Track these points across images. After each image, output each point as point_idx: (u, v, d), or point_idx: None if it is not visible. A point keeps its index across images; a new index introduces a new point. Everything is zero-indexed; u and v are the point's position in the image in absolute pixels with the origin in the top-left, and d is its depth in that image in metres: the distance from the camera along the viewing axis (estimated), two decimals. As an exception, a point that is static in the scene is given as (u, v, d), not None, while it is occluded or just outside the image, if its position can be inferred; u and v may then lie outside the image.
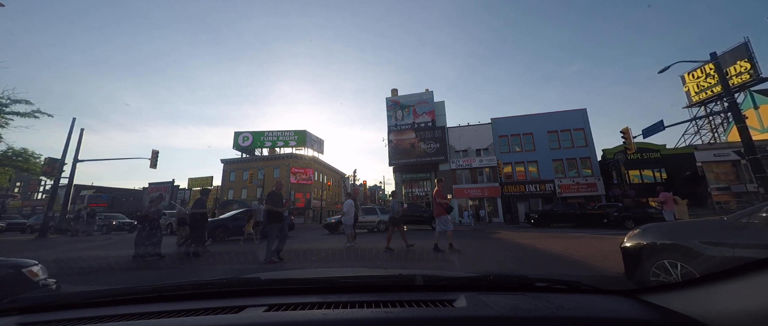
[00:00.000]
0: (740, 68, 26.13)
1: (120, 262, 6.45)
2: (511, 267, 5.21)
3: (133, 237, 7.44)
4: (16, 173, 18.54)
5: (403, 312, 0.92)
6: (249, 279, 1.27)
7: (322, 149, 49.29)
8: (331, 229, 15.55)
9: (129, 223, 20.58)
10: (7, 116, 15.24)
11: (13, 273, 2.44)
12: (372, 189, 75.95)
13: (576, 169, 26.23)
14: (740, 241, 2.14)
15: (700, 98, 29.73)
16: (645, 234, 2.87)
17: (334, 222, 15.50)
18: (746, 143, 10.60)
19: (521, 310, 0.90)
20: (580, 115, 27.24)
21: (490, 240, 9.32)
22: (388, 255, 6.51)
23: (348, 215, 8.60)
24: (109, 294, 1.17)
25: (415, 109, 30.70)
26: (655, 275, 2.56)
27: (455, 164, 28.37)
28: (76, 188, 36.93)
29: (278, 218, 6.08)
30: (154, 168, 19.03)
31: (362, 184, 50.20)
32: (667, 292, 0.99)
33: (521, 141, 28.04)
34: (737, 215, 2.33)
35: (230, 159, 46.53)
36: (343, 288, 1.18)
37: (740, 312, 0.77)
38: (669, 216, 8.89)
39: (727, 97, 11.80)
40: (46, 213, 15.62)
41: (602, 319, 0.88)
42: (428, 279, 1.23)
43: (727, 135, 30.42)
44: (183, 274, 5.43)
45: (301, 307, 0.98)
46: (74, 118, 17.39)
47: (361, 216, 14.35)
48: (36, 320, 1.01)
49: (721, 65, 13.70)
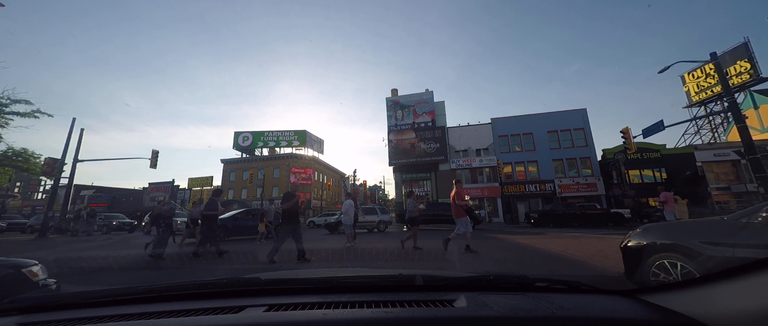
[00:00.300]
0: (740, 68, 26.11)
1: (120, 262, 6.44)
2: (511, 267, 5.21)
3: (132, 237, 7.47)
4: (16, 173, 18.53)
5: (403, 312, 0.92)
6: (249, 279, 1.27)
7: (322, 149, 49.29)
8: (331, 229, 15.56)
9: (129, 223, 20.55)
10: (7, 116, 15.23)
11: (13, 273, 2.44)
12: (372, 189, 75.88)
13: (576, 169, 26.22)
14: (740, 241, 2.14)
15: (700, 98, 29.71)
16: (645, 234, 2.87)
17: (333, 223, 15.53)
18: (746, 143, 10.60)
19: (521, 310, 0.90)
20: (580, 114, 27.23)
21: (490, 240, 9.31)
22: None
23: (347, 215, 8.60)
24: (109, 294, 1.17)
25: (415, 109, 30.69)
26: (655, 275, 2.56)
27: (455, 164, 28.36)
28: (76, 188, 36.92)
29: (293, 219, 6.03)
30: (154, 168, 19.02)
31: (362, 184, 50.21)
32: (667, 292, 0.99)
33: (521, 141, 28.03)
34: (737, 215, 2.33)
35: (230, 159, 46.52)
36: (343, 288, 1.18)
37: (740, 312, 0.76)
38: (670, 216, 8.89)
39: (727, 97, 11.80)
40: (46, 213, 15.61)
41: (602, 319, 0.88)
42: (428, 279, 1.23)
43: (727, 135, 30.40)
44: (183, 274, 5.43)
45: (301, 307, 0.98)
46: (74, 118, 17.39)
47: (361, 216, 14.34)
48: (36, 320, 1.01)
49: (721, 65, 13.70)
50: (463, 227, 6.77)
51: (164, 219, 7.07)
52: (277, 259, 5.85)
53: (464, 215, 6.81)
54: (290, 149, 44.75)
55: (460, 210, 6.80)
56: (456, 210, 6.86)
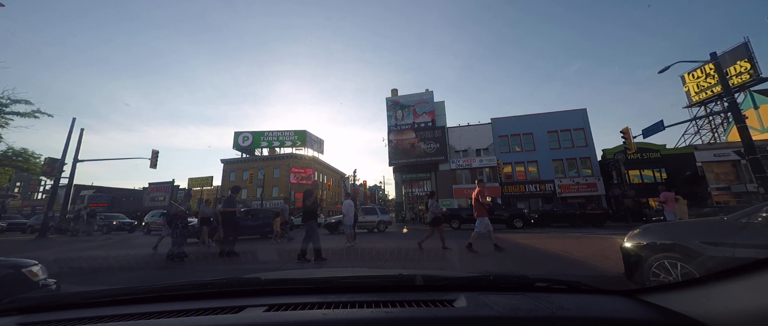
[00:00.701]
0: (740, 68, 26.10)
1: (120, 262, 6.45)
2: (511, 267, 5.21)
3: (133, 237, 7.45)
4: (16, 173, 18.53)
5: (403, 312, 0.92)
6: (249, 279, 1.27)
7: (322, 149, 49.29)
8: (331, 229, 15.57)
9: (129, 223, 20.55)
10: (7, 116, 15.23)
11: (13, 273, 2.44)
12: (372, 189, 75.86)
13: (576, 169, 26.22)
14: (740, 241, 2.14)
15: (700, 98, 29.70)
16: (645, 234, 2.87)
17: (333, 223, 15.45)
18: (746, 143, 10.60)
19: (521, 310, 0.90)
20: (580, 114, 27.23)
21: (490, 240, 9.29)
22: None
23: (348, 215, 8.61)
24: (109, 294, 1.17)
25: (415, 109, 30.69)
26: (655, 275, 2.56)
27: (455, 164, 28.36)
28: (76, 188, 36.93)
29: (313, 216, 6.18)
30: (154, 168, 19.03)
31: (362, 184, 50.20)
32: (667, 292, 0.99)
33: (521, 141, 28.03)
34: (737, 215, 2.33)
35: (230, 159, 46.51)
36: (343, 288, 1.18)
37: (740, 312, 0.76)
38: (670, 216, 8.88)
39: (727, 97, 11.80)
40: (46, 213, 15.62)
41: (602, 319, 0.88)
42: (428, 279, 1.23)
43: (727, 135, 30.40)
44: (183, 274, 5.43)
45: (301, 307, 0.98)
46: (74, 118, 17.39)
47: (361, 216, 14.35)
48: (36, 320, 1.01)
49: (721, 65, 13.70)
50: (484, 226, 6.82)
51: (181, 220, 7.07)
52: (310, 258, 5.87)
53: (485, 214, 6.89)
54: (290, 149, 44.76)
55: (481, 209, 6.89)
56: (478, 209, 6.93)
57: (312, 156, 46.19)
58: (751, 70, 25.63)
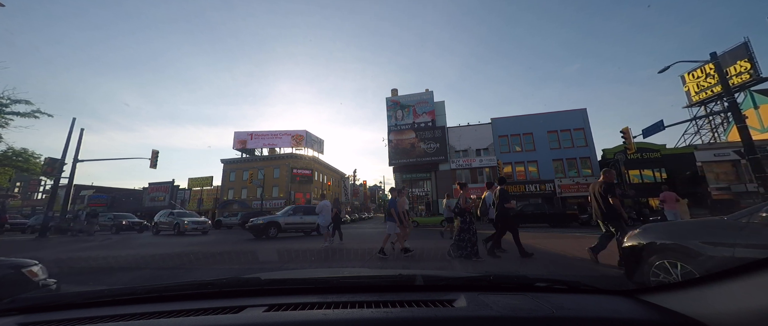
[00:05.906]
0: (740, 68, 26.10)
1: (120, 262, 6.44)
2: (511, 267, 5.20)
3: (141, 237, 7.39)
4: (16, 173, 18.51)
5: (403, 312, 0.92)
6: (249, 279, 1.27)
7: (322, 149, 49.30)
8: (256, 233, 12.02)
9: (138, 223, 20.53)
10: (7, 116, 15.24)
11: (13, 273, 2.44)
12: (372, 189, 75.94)
13: (576, 169, 26.23)
14: (740, 241, 2.14)
15: (700, 98, 29.69)
16: (645, 234, 2.86)
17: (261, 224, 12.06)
18: (746, 143, 10.59)
19: (521, 310, 0.90)
20: (580, 114, 27.24)
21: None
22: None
23: (323, 215, 8.89)
24: (109, 294, 1.17)
25: (415, 108, 30.70)
26: (655, 275, 2.56)
27: (455, 164, 28.36)
28: (76, 188, 36.96)
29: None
30: (154, 168, 19.04)
31: (362, 184, 50.21)
32: (667, 292, 0.99)
33: (521, 141, 28.04)
34: (737, 215, 2.33)
35: (230, 159, 46.51)
36: (343, 288, 1.18)
37: (740, 312, 0.76)
38: (671, 216, 8.88)
39: (727, 97, 11.80)
40: (46, 214, 15.61)
41: (602, 319, 0.88)
42: (428, 279, 1.23)
43: (727, 135, 30.40)
44: (182, 274, 5.43)
45: (301, 307, 0.98)
46: (74, 118, 17.37)
47: (295, 216, 12.82)
48: (36, 320, 1.01)
49: (721, 65, 13.69)
50: None
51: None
52: None
53: None
54: (290, 149, 44.77)
55: None
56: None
57: (312, 156, 46.19)
58: (751, 70, 25.62)
